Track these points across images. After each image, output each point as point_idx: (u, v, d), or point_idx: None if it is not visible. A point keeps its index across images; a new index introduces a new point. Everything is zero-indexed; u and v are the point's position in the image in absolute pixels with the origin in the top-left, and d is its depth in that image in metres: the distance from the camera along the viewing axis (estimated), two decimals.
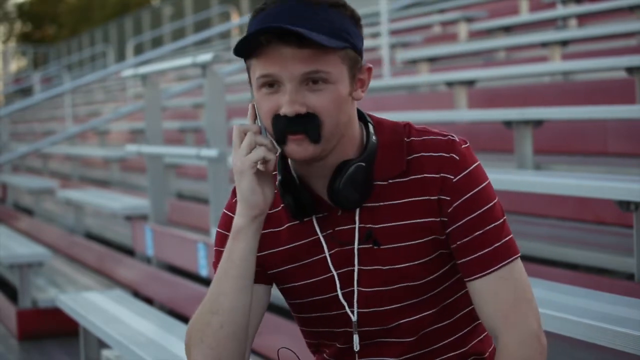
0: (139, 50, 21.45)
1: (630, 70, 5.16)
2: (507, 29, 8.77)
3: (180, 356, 3.43)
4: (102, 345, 4.49)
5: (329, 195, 1.88)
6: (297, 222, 1.94)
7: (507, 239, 1.89)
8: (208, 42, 19.26)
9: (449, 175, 1.87)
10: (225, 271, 1.88)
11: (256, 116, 1.91)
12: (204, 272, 5.48)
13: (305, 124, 1.82)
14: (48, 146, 10.89)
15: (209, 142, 5.27)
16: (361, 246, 1.90)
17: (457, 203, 1.87)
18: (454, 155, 1.88)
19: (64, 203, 9.74)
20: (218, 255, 1.98)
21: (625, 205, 3.40)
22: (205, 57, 5.30)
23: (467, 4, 10.77)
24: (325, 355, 2.03)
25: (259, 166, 1.86)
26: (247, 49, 1.84)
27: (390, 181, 1.90)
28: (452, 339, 1.97)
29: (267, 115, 1.85)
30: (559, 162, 5.49)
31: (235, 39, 17.45)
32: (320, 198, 1.92)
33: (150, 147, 6.41)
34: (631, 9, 7.41)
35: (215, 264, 1.97)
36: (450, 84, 6.63)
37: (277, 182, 1.92)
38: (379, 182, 1.90)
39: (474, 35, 9.84)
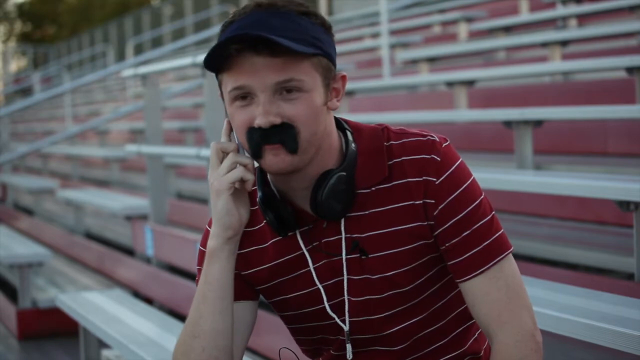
0: (139, 50, 21.45)
1: (630, 70, 5.16)
2: (507, 29, 8.76)
3: None
4: (102, 345, 4.48)
5: (312, 207, 1.85)
6: (280, 238, 1.91)
7: (497, 235, 1.87)
8: (208, 42, 19.23)
9: (431, 178, 1.85)
10: (203, 294, 1.87)
11: (231, 132, 1.88)
12: None
13: (281, 134, 1.79)
14: (48, 146, 10.90)
15: (209, 142, 5.27)
16: (349, 256, 1.88)
17: (442, 206, 1.85)
18: (435, 157, 1.85)
19: (64, 203, 9.73)
20: (200, 273, 1.95)
21: (625, 205, 3.40)
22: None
23: (467, 4, 10.77)
24: (322, 359, 2.02)
25: (237, 185, 1.85)
26: (217, 61, 1.81)
27: (373, 188, 1.87)
28: (445, 340, 1.96)
29: (242, 129, 1.82)
30: (559, 162, 5.48)
31: None
32: (304, 211, 1.89)
33: (150, 147, 6.41)
34: (631, 9, 7.41)
35: (198, 282, 1.96)
36: (450, 84, 6.63)
37: (257, 199, 1.90)
38: (362, 191, 1.87)
39: (474, 35, 9.84)
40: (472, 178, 1.88)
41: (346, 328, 1.92)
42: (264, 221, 1.92)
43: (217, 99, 6.14)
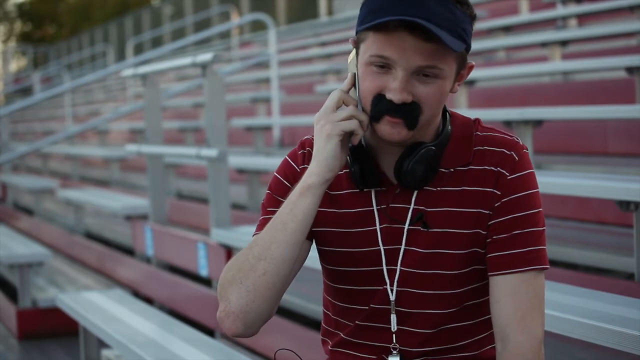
0: (139, 50, 21.46)
1: (630, 70, 5.16)
2: (507, 29, 8.77)
3: (180, 356, 3.43)
4: (102, 345, 4.49)
5: (396, 172, 1.93)
6: (356, 190, 1.97)
7: (541, 247, 1.92)
8: (208, 42, 19.25)
9: (504, 172, 1.93)
10: (283, 222, 1.91)
11: (353, 86, 1.94)
12: (204, 271, 5.48)
13: (405, 111, 1.86)
14: (48, 146, 10.89)
15: (209, 142, 5.28)
16: (411, 227, 1.93)
17: (506, 199, 1.91)
18: (514, 155, 1.94)
19: (64, 203, 9.74)
20: (270, 198, 2.02)
21: (625, 205, 3.40)
22: (205, 57, 5.29)
23: None
24: (343, 335, 2.03)
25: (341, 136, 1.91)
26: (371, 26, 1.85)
27: (452, 169, 1.94)
28: (469, 341, 1.98)
29: (370, 93, 1.88)
30: (559, 162, 5.49)
31: (235, 38, 17.44)
32: (383, 173, 1.96)
33: (150, 147, 6.41)
34: (631, 9, 7.41)
35: (265, 206, 2.02)
36: None
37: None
38: (443, 170, 1.94)
39: (474, 35, 9.78)
40: (538, 190, 1.95)
41: (392, 297, 1.95)
42: (345, 170, 1.98)
43: (217, 98, 6.04)
